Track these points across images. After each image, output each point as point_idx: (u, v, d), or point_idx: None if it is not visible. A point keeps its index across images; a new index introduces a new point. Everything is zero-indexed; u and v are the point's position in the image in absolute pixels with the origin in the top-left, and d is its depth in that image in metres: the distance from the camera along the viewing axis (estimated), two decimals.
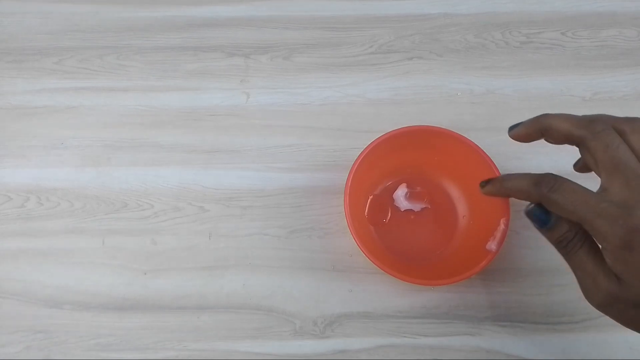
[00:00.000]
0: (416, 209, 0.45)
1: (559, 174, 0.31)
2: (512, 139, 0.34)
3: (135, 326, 0.43)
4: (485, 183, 0.37)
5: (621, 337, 0.42)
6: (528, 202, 0.32)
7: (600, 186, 0.30)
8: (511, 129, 0.34)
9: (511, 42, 0.51)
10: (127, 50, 0.51)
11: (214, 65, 0.50)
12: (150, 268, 0.45)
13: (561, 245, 0.31)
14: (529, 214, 0.32)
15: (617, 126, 0.31)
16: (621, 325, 0.30)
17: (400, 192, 0.45)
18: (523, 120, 0.34)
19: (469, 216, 0.43)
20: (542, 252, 0.44)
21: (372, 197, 0.45)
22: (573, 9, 0.52)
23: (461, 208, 0.44)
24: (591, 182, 0.31)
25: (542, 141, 0.33)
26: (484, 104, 0.49)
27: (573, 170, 0.36)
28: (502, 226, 0.40)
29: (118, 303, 0.44)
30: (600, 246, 0.30)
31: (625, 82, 0.50)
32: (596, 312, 0.43)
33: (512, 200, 0.37)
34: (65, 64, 0.50)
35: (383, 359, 0.42)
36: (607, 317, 0.31)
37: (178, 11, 0.52)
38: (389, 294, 0.43)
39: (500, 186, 0.35)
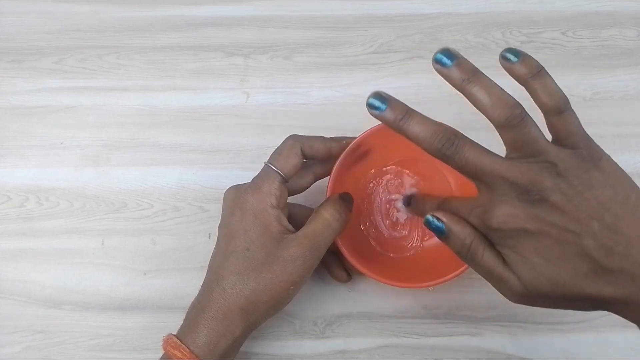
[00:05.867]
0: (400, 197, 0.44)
1: None
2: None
3: (135, 326, 0.43)
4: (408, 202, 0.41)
5: (621, 337, 0.42)
6: None
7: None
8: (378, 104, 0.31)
9: (511, 42, 0.51)
10: (126, 49, 0.51)
11: (214, 65, 0.50)
12: (150, 268, 0.45)
13: (462, 255, 0.31)
14: (426, 224, 0.31)
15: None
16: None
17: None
18: None
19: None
20: None
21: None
22: (573, 8, 0.52)
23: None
24: None
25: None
26: None
27: None
28: None
29: (118, 303, 0.44)
30: None
31: (625, 82, 0.50)
32: (597, 313, 0.43)
33: None
34: (65, 63, 0.50)
35: (383, 359, 0.42)
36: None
37: (178, 11, 0.52)
38: (389, 293, 0.43)
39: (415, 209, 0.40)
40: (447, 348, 0.42)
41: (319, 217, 0.36)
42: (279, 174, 0.36)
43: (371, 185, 0.44)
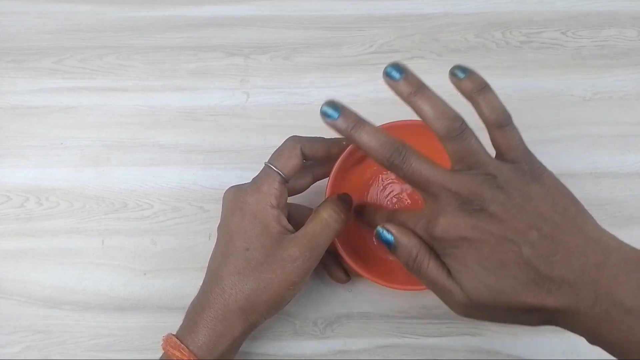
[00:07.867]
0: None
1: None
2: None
3: (135, 326, 0.43)
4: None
5: None
6: None
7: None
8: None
9: (511, 42, 0.51)
10: (126, 50, 0.51)
11: (214, 65, 0.50)
12: (150, 268, 0.45)
13: (409, 267, 0.31)
14: (376, 235, 0.32)
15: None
16: None
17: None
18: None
19: None
20: None
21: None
22: (573, 8, 0.52)
23: None
24: None
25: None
26: None
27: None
28: None
29: (118, 303, 0.44)
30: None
31: (625, 82, 0.50)
32: None
33: None
34: (65, 63, 0.50)
35: (383, 359, 0.42)
36: None
37: (178, 11, 0.52)
38: (389, 294, 0.43)
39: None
40: (447, 348, 0.42)
41: (318, 217, 0.36)
42: (279, 174, 0.36)
43: (371, 187, 0.44)
